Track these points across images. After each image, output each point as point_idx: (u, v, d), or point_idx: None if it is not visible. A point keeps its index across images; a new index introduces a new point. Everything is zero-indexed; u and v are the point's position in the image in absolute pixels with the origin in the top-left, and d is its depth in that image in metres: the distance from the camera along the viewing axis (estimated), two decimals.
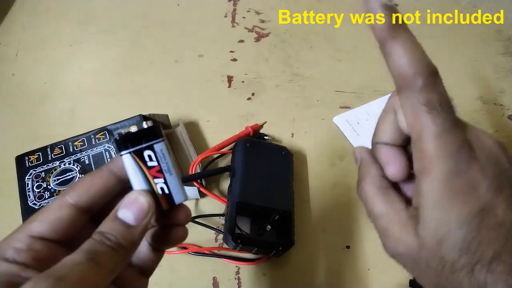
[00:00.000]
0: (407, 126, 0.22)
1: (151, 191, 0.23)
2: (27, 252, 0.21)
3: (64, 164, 0.48)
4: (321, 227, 0.48)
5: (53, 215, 0.23)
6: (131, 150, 0.23)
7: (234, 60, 0.68)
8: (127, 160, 0.23)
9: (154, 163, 0.23)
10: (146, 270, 0.26)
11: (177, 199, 0.24)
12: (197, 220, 0.47)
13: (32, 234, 0.22)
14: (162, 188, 0.24)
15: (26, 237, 0.22)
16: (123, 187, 0.25)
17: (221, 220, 0.48)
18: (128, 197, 0.23)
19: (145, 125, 0.23)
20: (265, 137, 0.55)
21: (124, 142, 0.23)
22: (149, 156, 0.23)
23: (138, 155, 0.23)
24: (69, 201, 0.23)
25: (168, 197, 0.24)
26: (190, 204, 0.50)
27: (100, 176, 0.24)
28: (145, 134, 0.23)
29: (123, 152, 0.23)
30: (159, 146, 0.24)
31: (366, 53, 0.68)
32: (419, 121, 0.20)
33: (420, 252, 0.21)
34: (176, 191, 0.24)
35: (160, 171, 0.23)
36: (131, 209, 0.22)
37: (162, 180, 0.24)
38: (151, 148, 0.23)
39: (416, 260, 0.21)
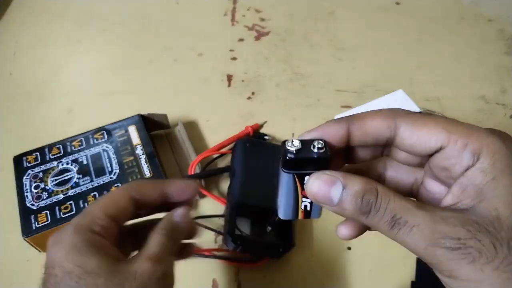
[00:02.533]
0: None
1: (294, 205, 0.24)
2: (108, 230, 0.27)
3: (62, 164, 0.48)
4: (322, 228, 0.48)
5: (122, 204, 0.29)
6: (296, 172, 0.23)
7: (234, 59, 0.67)
8: (287, 177, 0.23)
9: None
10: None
11: (314, 216, 0.25)
12: (196, 221, 0.47)
13: (109, 215, 0.28)
14: (305, 206, 0.24)
15: (106, 217, 0.28)
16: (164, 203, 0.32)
17: (221, 221, 0.48)
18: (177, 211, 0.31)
19: (315, 150, 0.22)
20: (265, 137, 0.55)
21: (295, 164, 0.22)
22: None
23: (300, 177, 0.23)
24: (135, 197, 0.29)
25: (307, 213, 0.25)
26: None
27: (155, 194, 0.31)
28: (317, 162, 0.22)
29: (287, 171, 0.23)
30: None
31: (367, 52, 0.68)
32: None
33: None
34: (316, 211, 0.25)
35: None
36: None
37: (309, 201, 0.24)
38: None
39: None
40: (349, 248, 0.46)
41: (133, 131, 0.51)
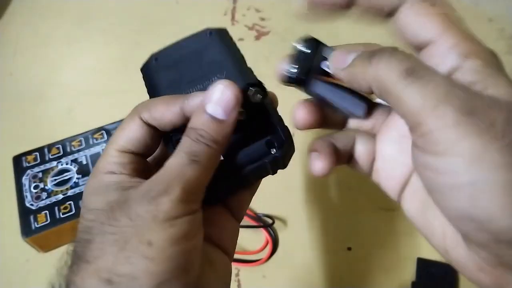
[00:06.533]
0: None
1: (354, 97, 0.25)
2: (126, 164, 0.23)
3: (62, 164, 0.48)
4: (322, 229, 0.48)
5: (132, 132, 0.24)
6: (313, 76, 0.27)
7: None
8: (316, 87, 0.28)
9: None
10: (237, 212, 0.28)
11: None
12: None
13: (121, 149, 0.24)
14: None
15: (117, 153, 0.24)
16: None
17: None
18: (214, 91, 0.23)
19: (302, 47, 0.28)
20: None
21: (306, 73, 0.27)
22: None
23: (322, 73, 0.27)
24: (142, 122, 0.25)
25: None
26: None
27: (172, 110, 0.24)
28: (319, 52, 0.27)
29: (310, 84, 0.27)
30: None
31: None
32: None
33: None
34: None
35: None
36: (219, 104, 0.23)
37: None
38: None
39: None
40: (349, 248, 0.46)
41: None
